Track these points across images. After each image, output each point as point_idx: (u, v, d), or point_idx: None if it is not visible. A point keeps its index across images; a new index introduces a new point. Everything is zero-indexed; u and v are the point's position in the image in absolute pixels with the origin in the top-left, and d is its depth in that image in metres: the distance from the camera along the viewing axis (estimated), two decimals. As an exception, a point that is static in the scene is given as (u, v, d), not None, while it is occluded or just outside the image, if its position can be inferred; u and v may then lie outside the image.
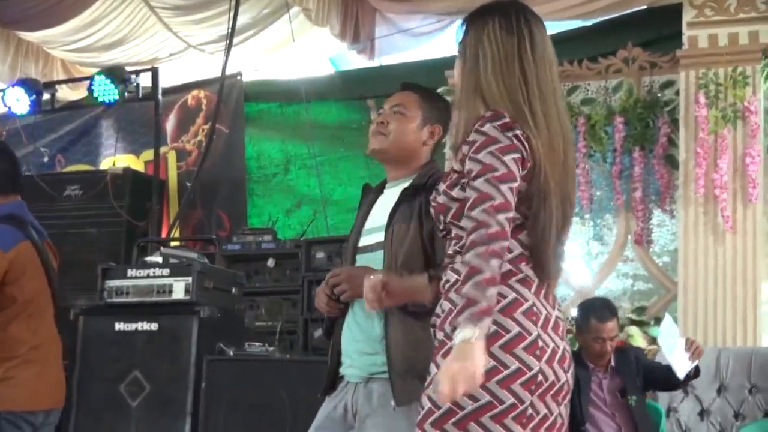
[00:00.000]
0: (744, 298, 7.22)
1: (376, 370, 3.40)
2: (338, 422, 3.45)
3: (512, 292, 2.65)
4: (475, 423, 2.57)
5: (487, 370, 2.50)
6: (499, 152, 2.62)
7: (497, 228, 2.52)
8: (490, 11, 2.84)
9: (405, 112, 3.60)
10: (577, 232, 8.14)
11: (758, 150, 7.29)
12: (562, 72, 8.17)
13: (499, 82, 2.73)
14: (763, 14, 7.51)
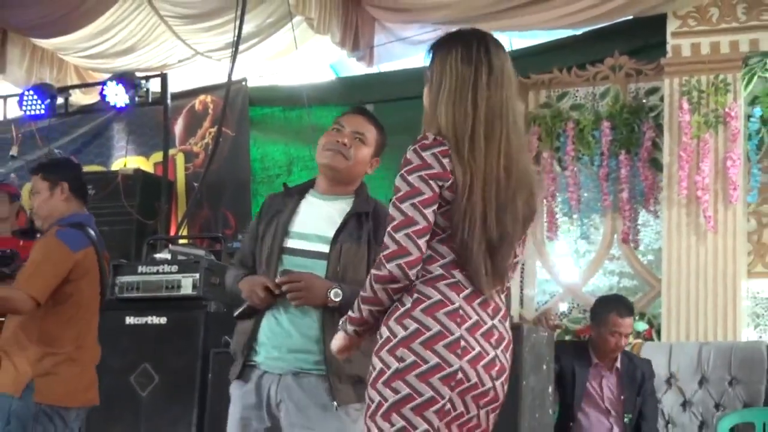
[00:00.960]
0: (725, 295, 7.22)
1: (307, 367, 3.43)
2: (255, 409, 3.48)
3: (438, 294, 2.67)
4: (397, 414, 2.60)
5: (408, 365, 2.60)
6: (407, 173, 2.69)
7: (394, 248, 2.65)
8: (453, 41, 2.87)
9: (365, 141, 3.66)
10: (565, 232, 8.15)
11: (738, 154, 7.30)
12: (552, 79, 8.19)
13: (449, 111, 2.75)
14: (743, 24, 7.51)
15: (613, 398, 5.65)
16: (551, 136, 8.08)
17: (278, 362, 3.47)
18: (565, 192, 8.03)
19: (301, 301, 3.39)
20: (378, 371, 2.64)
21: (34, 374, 4.36)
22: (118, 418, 5.51)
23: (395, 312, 2.66)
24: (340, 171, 3.62)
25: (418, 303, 2.65)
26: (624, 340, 5.64)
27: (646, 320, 7.56)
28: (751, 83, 7.44)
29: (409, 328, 2.63)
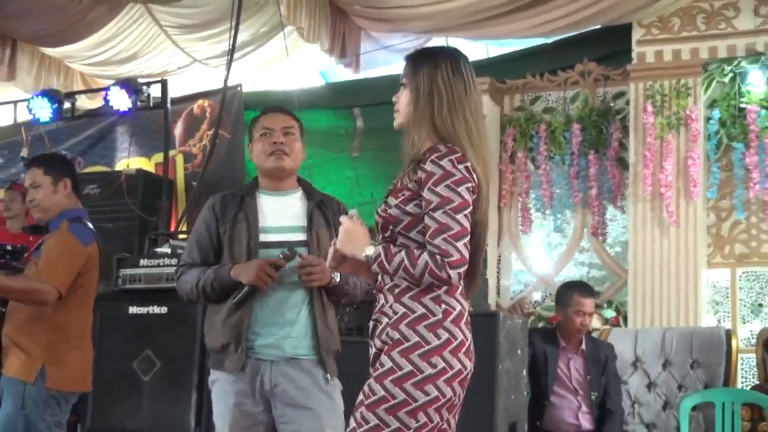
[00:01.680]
0: (686, 284, 7.25)
1: (302, 353, 3.47)
2: (249, 395, 3.48)
3: (458, 305, 2.75)
4: (423, 413, 2.66)
5: (439, 371, 2.66)
6: (454, 184, 2.71)
7: (458, 256, 2.66)
8: (439, 55, 2.93)
9: (295, 133, 3.71)
10: (539, 226, 8.17)
11: (699, 153, 7.32)
12: (526, 84, 8.21)
13: (455, 121, 2.81)
14: (703, 33, 7.54)
15: (580, 378, 5.67)
16: (525, 137, 8.10)
17: (272, 349, 3.47)
18: (538, 189, 8.05)
19: (318, 283, 3.44)
20: (406, 372, 2.66)
21: (46, 361, 4.35)
22: (123, 401, 5.50)
23: (425, 319, 2.70)
24: (287, 169, 3.67)
25: (447, 314, 2.72)
26: (588, 318, 5.66)
27: (614, 308, 7.59)
28: (710, 88, 7.47)
29: (441, 338, 2.68)
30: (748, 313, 7.36)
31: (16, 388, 4.27)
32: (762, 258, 7.33)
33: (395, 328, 2.72)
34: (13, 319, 4.31)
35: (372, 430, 2.67)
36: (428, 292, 2.73)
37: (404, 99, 2.90)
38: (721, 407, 5.58)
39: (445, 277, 2.66)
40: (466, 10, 7.52)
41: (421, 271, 2.67)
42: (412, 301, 2.73)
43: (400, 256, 2.71)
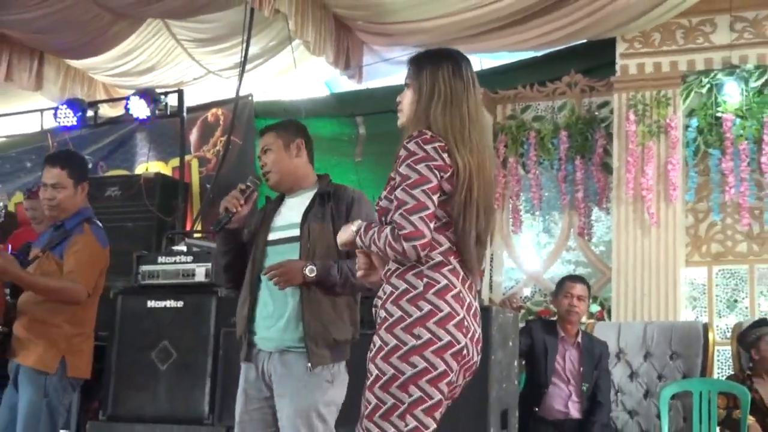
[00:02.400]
0: (666, 281, 7.25)
1: (290, 345, 3.46)
2: (255, 383, 3.52)
3: (444, 279, 2.68)
4: (414, 386, 2.59)
5: (424, 342, 2.59)
6: (414, 163, 2.68)
7: (410, 229, 2.62)
8: (442, 58, 2.90)
9: (271, 149, 3.70)
10: (528, 226, 8.16)
11: (678, 159, 7.32)
12: (517, 94, 8.21)
13: (445, 117, 2.77)
14: (681, 47, 7.55)
15: (574, 370, 5.66)
16: (516, 143, 8.09)
17: (268, 342, 3.51)
18: (528, 192, 8.04)
19: (285, 284, 3.42)
20: (392, 346, 2.61)
21: (66, 352, 4.34)
22: (141, 389, 5.49)
23: (407, 294, 2.65)
24: (279, 184, 3.72)
25: (429, 287, 2.65)
26: (576, 301, 5.65)
27: (599, 303, 7.59)
28: (689, 98, 7.47)
29: (423, 309, 2.62)
30: (723, 308, 7.36)
31: (37, 378, 4.25)
32: (736, 257, 7.33)
33: (383, 308, 2.69)
34: (30, 313, 4.28)
35: (374, 411, 2.62)
36: (411, 269, 2.68)
37: (407, 99, 2.88)
38: (699, 396, 5.57)
39: (401, 250, 2.62)
40: (461, 25, 7.52)
41: (383, 244, 2.65)
42: (397, 279, 2.69)
43: (373, 230, 2.71)
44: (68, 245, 4.35)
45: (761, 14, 7.37)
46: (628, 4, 7.02)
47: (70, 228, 4.42)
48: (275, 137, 3.72)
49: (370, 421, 2.62)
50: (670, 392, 5.78)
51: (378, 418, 2.61)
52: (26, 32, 8.72)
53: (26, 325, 4.29)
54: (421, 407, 2.60)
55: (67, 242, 4.36)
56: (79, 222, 4.45)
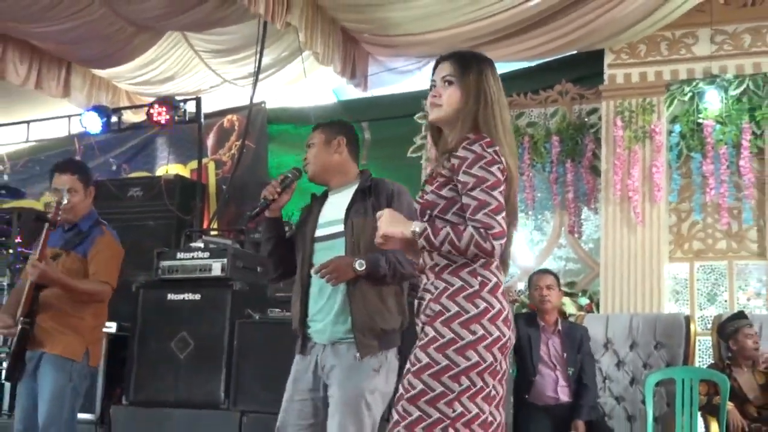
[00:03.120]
0: (651, 276, 7.25)
1: (341, 337, 3.43)
2: (310, 373, 3.48)
3: (494, 277, 2.67)
4: (466, 377, 2.58)
5: (479, 337, 2.59)
6: (487, 165, 2.64)
7: (499, 228, 2.59)
8: (482, 61, 2.85)
9: (313, 146, 3.67)
10: (522, 225, 8.15)
11: (662, 162, 7.32)
12: (512, 102, 8.18)
13: (496, 122, 2.75)
14: (666, 58, 7.54)
15: (558, 356, 5.65)
16: (511, 147, 8.07)
17: (321, 335, 3.48)
18: (522, 193, 8.03)
19: (337, 281, 3.39)
20: (448, 339, 2.59)
21: (89, 342, 4.38)
22: (162, 376, 5.51)
23: (463, 291, 2.63)
24: (315, 176, 3.67)
25: (483, 285, 2.64)
26: (546, 291, 5.67)
27: (588, 296, 7.58)
28: (672, 105, 7.46)
29: (479, 307, 2.61)
30: (704, 301, 7.35)
31: (64, 365, 4.28)
32: (716, 254, 7.32)
33: (437, 302, 2.65)
34: (55, 307, 4.31)
35: (418, 396, 2.59)
36: (465, 267, 2.65)
37: (453, 96, 2.79)
38: (681, 383, 5.56)
39: (489, 248, 2.58)
40: (460, 38, 7.51)
41: (466, 243, 2.58)
42: (451, 276, 2.65)
43: (446, 230, 2.62)
44: (92, 246, 4.40)
45: (740, 28, 7.37)
46: (615, 18, 7.01)
47: (85, 229, 4.46)
48: (319, 133, 3.69)
49: (411, 405, 2.60)
50: (655, 379, 5.77)
51: (423, 403, 2.58)
52: (55, 43, 8.73)
53: (52, 317, 4.31)
54: (467, 395, 2.59)
55: (90, 242, 4.41)
56: (92, 223, 4.51)
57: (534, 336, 5.66)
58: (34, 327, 4.30)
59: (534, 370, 5.60)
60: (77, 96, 9.47)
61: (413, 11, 7.37)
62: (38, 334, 4.30)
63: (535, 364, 5.61)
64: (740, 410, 5.62)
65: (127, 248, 4.68)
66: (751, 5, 7.35)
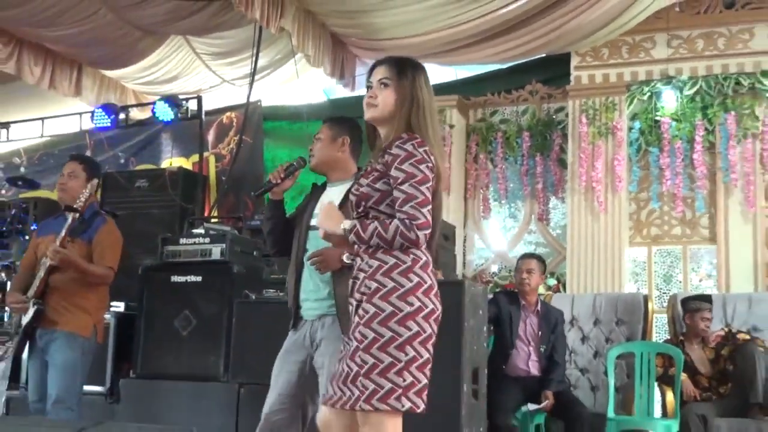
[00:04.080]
0: (612, 259, 7.27)
1: (326, 311, 3.44)
2: (299, 346, 3.48)
3: (424, 256, 2.69)
4: (410, 346, 2.58)
5: (416, 308, 2.59)
6: (417, 163, 2.66)
7: (423, 219, 2.62)
8: (416, 68, 2.86)
9: (321, 139, 3.66)
10: (496, 213, 8.17)
11: (623, 156, 7.34)
12: (486, 100, 8.20)
13: (427, 123, 2.77)
14: (626, 61, 7.56)
15: (533, 333, 5.67)
16: (486, 142, 8.09)
17: (312, 311, 3.49)
18: (496, 183, 8.05)
19: (324, 270, 3.40)
20: (389, 312, 2.59)
21: (96, 321, 4.39)
22: (166, 352, 5.48)
23: (397, 267, 2.63)
24: (317, 167, 3.66)
25: (415, 262, 2.64)
26: (526, 274, 5.70)
27: (555, 277, 7.61)
28: (632, 104, 7.48)
29: (413, 281, 2.62)
30: (661, 282, 7.39)
31: (74, 341, 4.29)
32: (672, 239, 7.35)
33: (372, 279, 2.64)
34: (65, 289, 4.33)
35: (371, 369, 2.57)
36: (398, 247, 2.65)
37: (388, 98, 2.81)
38: (640, 356, 5.58)
39: (414, 238, 2.60)
40: (439, 41, 7.50)
41: (393, 234, 2.61)
42: (384, 254, 2.65)
43: (374, 225, 2.65)
44: (96, 233, 4.42)
45: (693, 33, 7.38)
46: (581, 24, 7.01)
47: (87, 218, 4.45)
48: (328, 128, 3.68)
49: (366, 378, 2.57)
50: (616, 353, 5.79)
51: (375, 375, 2.56)
52: (67, 46, 8.67)
53: (63, 297, 4.31)
54: (415, 365, 2.58)
55: (93, 230, 4.43)
56: (94, 213, 4.50)
57: (515, 313, 5.67)
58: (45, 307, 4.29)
59: (512, 344, 5.62)
60: (88, 95, 9.41)
61: (397, 17, 7.36)
62: (49, 313, 4.29)
63: (513, 339, 5.63)
64: (692, 381, 5.66)
65: (135, 234, 4.70)
66: (704, 13, 7.37)
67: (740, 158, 7.04)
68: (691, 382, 5.64)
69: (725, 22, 7.28)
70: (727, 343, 5.71)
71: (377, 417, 2.57)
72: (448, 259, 5.37)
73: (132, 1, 7.54)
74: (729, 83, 7.14)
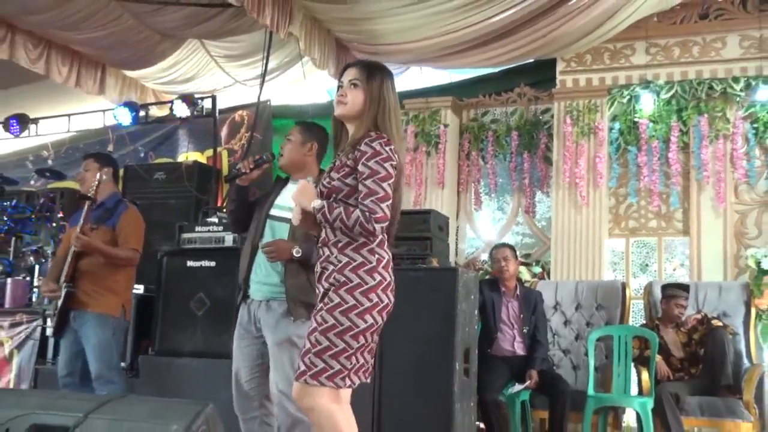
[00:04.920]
0: (593, 249, 7.26)
1: (275, 296, 3.51)
2: (247, 325, 3.58)
3: (386, 254, 2.74)
4: (362, 335, 2.66)
5: (374, 303, 2.65)
6: (382, 161, 2.69)
7: (381, 213, 2.64)
8: (385, 72, 2.89)
9: (291, 138, 3.72)
10: (486, 205, 8.15)
11: (604, 154, 7.32)
12: (478, 102, 8.18)
13: (391, 122, 2.80)
14: (608, 66, 7.53)
15: (516, 316, 5.67)
16: (477, 140, 8.06)
17: (259, 293, 3.56)
18: (486, 178, 8.03)
19: (275, 259, 3.49)
20: (351, 305, 2.64)
21: (124, 301, 4.37)
22: (182, 330, 5.47)
23: (363, 266, 2.67)
24: (285, 166, 3.74)
25: (379, 262, 2.69)
26: (503, 262, 5.70)
27: (540, 265, 7.59)
28: (613, 106, 7.45)
29: (376, 280, 2.67)
30: (637, 271, 7.38)
31: (106, 321, 4.28)
32: (648, 231, 7.34)
33: (341, 273, 2.67)
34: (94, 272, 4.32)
35: (323, 351, 2.63)
36: (364, 245, 2.69)
37: (357, 97, 2.82)
38: (618, 339, 5.59)
39: (371, 229, 2.63)
40: (435, 47, 7.47)
41: (353, 222, 2.63)
42: (353, 252, 2.68)
43: (339, 209, 2.67)
44: (119, 220, 4.41)
45: (670, 41, 7.36)
46: (566, 33, 6.98)
47: (111, 206, 4.45)
48: (298, 132, 3.73)
49: (318, 357, 2.64)
50: (596, 335, 5.80)
51: (327, 357, 2.64)
52: (92, 48, 8.64)
53: (92, 281, 4.30)
54: (364, 350, 2.68)
55: (117, 217, 4.42)
56: (117, 201, 4.51)
57: (496, 300, 5.67)
58: (76, 290, 4.29)
59: (496, 328, 5.62)
60: (111, 93, 9.38)
61: (396, 24, 7.33)
62: (80, 296, 4.29)
63: (497, 323, 5.63)
64: (666, 362, 5.67)
65: (153, 222, 4.70)
66: (680, 23, 7.35)
67: (712, 157, 7.02)
68: (665, 363, 5.65)
69: (699, 32, 7.25)
70: (699, 328, 5.72)
71: (318, 390, 2.65)
72: (443, 248, 5.35)
73: (152, 8, 7.53)
74: (702, 88, 7.11)
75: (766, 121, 6.94)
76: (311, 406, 2.66)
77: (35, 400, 2.45)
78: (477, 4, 6.82)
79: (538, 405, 5.69)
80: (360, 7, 7.18)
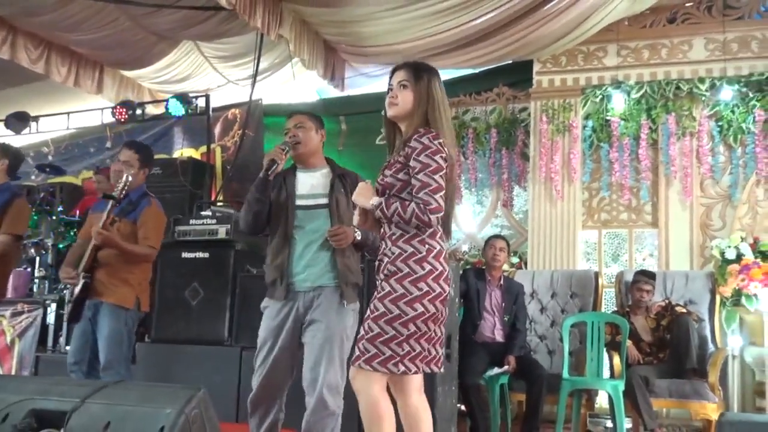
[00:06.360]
0: (568, 240, 7.28)
1: (326, 283, 3.37)
2: (290, 319, 3.38)
3: (438, 245, 2.71)
4: (413, 324, 2.64)
5: (424, 292, 2.63)
6: (432, 154, 2.66)
7: (435, 204, 2.63)
8: (431, 71, 2.88)
9: (305, 125, 3.56)
10: (466, 199, 8.15)
11: (578, 151, 7.33)
12: (459, 101, 8.16)
13: (441, 119, 2.78)
14: (582, 67, 7.53)
15: (498, 304, 5.67)
16: (458, 138, 8.05)
17: (305, 283, 3.39)
18: (467, 173, 8.02)
19: (343, 243, 3.34)
20: (400, 293, 2.63)
21: (139, 293, 4.32)
22: (178, 319, 5.45)
23: (413, 256, 2.66)
24: (302, 155, 3.54)
25: (429, 252, 2.67)
26: (498, 252, 5.71)
27: (518, 256, 7.60)
28: (587, 105, 7.46)
29: (425, 269, 2.65)
30: (609, 261, 7.40)
31: (119, 312, 4.23)
32: (619, 223, 7.36)
33: (393, 264, 2.67)
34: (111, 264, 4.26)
35: (375, 337, 2.63)
36: (415, 237, 2.67)
37: (407, 97, 2.82)
38: (591, 325, 5.61)
39: (427, 220, 2.62)
40: (418, 49, 7.45)
41: (409, 215, 2.62)
42: (405, 243, 2.68)
43: (396, 205, 2.67)
44: (141, 214, 4.34)
45: (640, 44, 7.37)
46: (542, 35, 6.98)
47: (135, 199, 4.37)
48: (309, 119, 3.58)
49: (370, 343, 2.64)
50: (570, 322, 5.81)
51: (378, 343, 2.63)
52: (90, 49, 8.57)
53: (108, 272, 4.25)
54: (414, 337, 2.65)
55: (139, 211, 4.34)
56: (141, 195, 4.44)
57: (481, 288, 5.67)
58: (93, 280, 4.24)
59: (479, 315, 5.63)
60: (108, 92, 9.31)
61: (381, 27, 7.31)
62: (97, 286, 4.24)
63: (480, 310, 5.63)
64: (636, 347, 5.69)
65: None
66: (650, 27, 7.36)
67: (679, 153, 7.05)
68: (635, 347, 5.67)
69: (667, 35, 7.27)
70: (666, 315, 5.75)
71: (371, 376, 2.64)
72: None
73: (148, 10, 7.46)
74: (670, 88, 7.13)
75: (729, 119, 6.98)
76: (361, 390, 2.66)
77: (34, 386, 2.43)
78: (458, 9, 6.82)
79: (516, 388, 5.71)
80: (347, 10, 7.15)
